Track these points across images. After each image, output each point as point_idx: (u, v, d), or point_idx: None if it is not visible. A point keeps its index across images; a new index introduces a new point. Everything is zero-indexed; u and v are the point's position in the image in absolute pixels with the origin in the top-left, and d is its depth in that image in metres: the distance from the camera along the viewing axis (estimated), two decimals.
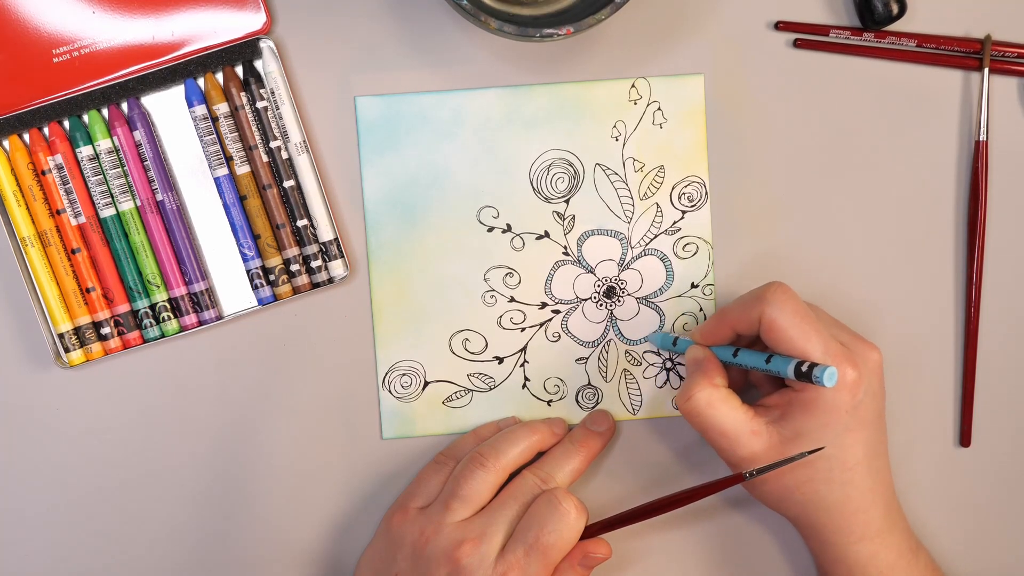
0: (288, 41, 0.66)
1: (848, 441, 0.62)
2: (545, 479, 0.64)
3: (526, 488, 0.63)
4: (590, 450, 0.66)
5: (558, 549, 0.62)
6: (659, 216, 0.68)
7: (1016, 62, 0.68)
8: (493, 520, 0.62)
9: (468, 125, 0.67)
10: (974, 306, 0.69)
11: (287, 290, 0.66)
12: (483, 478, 0.63)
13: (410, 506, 0.65)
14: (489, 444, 0.65)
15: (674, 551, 0.69)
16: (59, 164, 0.64)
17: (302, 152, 0.66)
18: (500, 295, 0.68)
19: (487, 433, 0.67)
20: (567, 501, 0.62)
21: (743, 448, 0.62)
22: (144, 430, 0.67)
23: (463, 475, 0.63)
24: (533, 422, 0.67)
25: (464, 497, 0.63)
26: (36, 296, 0.65)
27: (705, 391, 0.62)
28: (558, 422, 0.67)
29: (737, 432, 0.62)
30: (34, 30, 0.64)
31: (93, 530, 0.67)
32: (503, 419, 0.68)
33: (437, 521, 0.63)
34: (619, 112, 0.68)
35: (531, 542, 0.61)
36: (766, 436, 0.62)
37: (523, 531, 0.62)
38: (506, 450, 0.64)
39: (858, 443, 0.62)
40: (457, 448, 0.67)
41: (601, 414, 0.68)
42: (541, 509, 0.62)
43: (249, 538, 0.68)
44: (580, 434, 0.67)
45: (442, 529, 0.62)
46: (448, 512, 0.63)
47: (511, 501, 0.63)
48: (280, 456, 0.68)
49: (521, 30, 0.60)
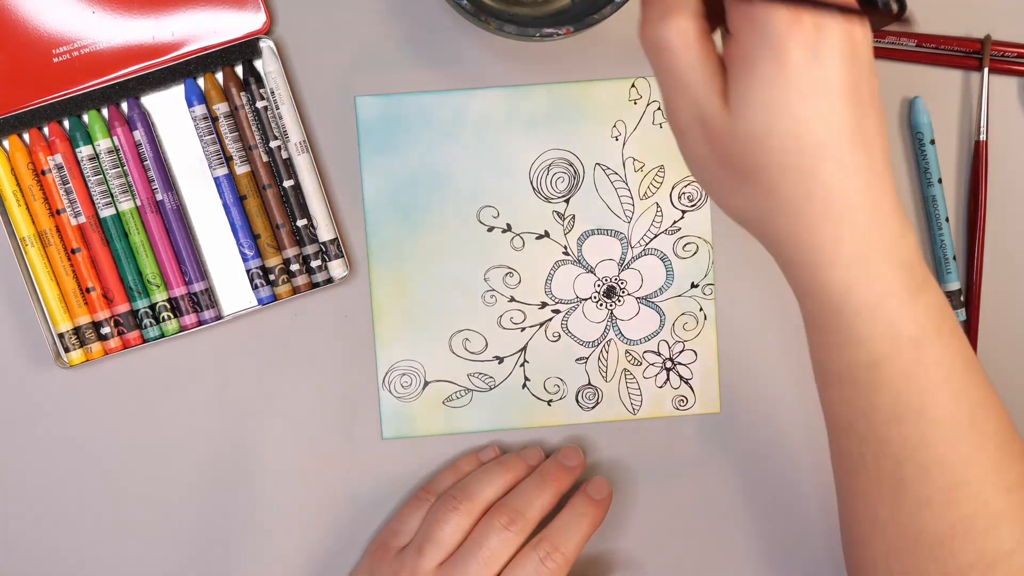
0: (288, 41, 0.66)
1: (807, 113, 0.46)
2: (513, 519, 0.63)
3: (492, 532, 0.63)
4: (560, 485, 0.65)
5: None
6: (659, 216, 0.68)
7: (1016, 62, 0.68)
8: (464, 569, 0.62)
9: (468, 125, 0.67)
10: (973, 306, 0.69)
11: (287, 290, 0.66)
12: (457, 522, 0.63)
13: (390, 544, 0.65)
14: (462, 487, 0.64)
15: (676, 551, 0.69)
16: (59, 164, 0.64)
17: (302, 152, 0.66)
18: (500, 295, 0.68)
19: (467, 468, 0.67)
20: (551, 559, 0.62)
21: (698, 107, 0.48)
22: (144, 430, 0.67)
23: (437, 519, 0.63)
24: (508, 458, 0.66)
25: (438, 541, 0.63)
26: (36, 296, 0.65)
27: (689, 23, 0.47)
28: (534, 453, 0.67)
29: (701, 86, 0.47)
30: (34, 30, 0.64)
31: (92, 530, 0.67)
32: (483, 449, 0.68)
33: (411, 566, 0.63)
34: (619, 112, 0.68)
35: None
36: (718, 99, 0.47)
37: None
38: (479, 493, 0.64)
39: (821, 116, 0.46)
40: (438, 484, 0.67)
41: (573, 450, 0.67)
42: (526, 564, 0.62)
43: (249, 538, 0.68)
44: (551, 468, 0.66)
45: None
46: (422, 557, 0.62)
47: (476, 548, 0.62)
48: (280, 456, 0.68)
49: (521, 30, 0.60)
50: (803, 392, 0.69)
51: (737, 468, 0.69)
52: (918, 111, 0.67)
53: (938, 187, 0.68)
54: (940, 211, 0.68)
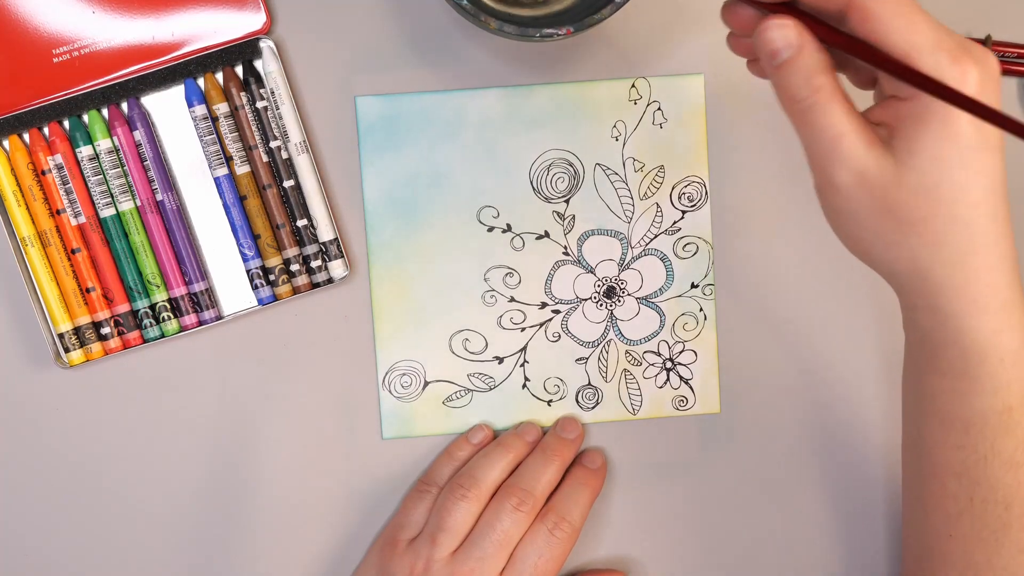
0: (288, 41, 0.66)
1: (974, 167, 0.48)
2: (523, 499, 0.64)
3: (504, 513, 0.63)
4: (563, 458, 0.66)
5: (554, 572, 0.64)
6: (659, 216, 0.68)
7: (1016, 62, 0.68)
8: (480, 553, 0.63)
9: (468, 125, 0.67)
10: None
11: (287, 290, 0.66)
12: (466, 508, 0.64)
13: (399, 538, 0.65)
14: (467, 473, 0.65)
15: (680, 552, 0.69)
16: (59, 164, 0.64)
17: (302, 152, 0.66)
18: (500, 295, 0.68)
19: (461, 454, 0.67)
20: (559, 529, 0.63)
21: (854, 159, 0.49)
22: (144, 430, 0.67)
23: (446, 507, 0.64)
24: (506, 438, 0.67)
25: (449, 530, 0.63)
26: (36, 296, 0.65)
27: (830, 80, 0.48)
28: (531, 429, 0.68)
29: (854, 139, 0.48)
30: (34, 30, 0.64)
31: (92, 530, 0.67)
32: (471, 430, 0.68)
33: (426, 556, 0.63)
34: (619, 112, 0.68)
35: (529, 571, 0.63)
36: (880, 151, 0.49)
37: (519, 561, 0.63)
38: (485, 477, 0.65)
39: (984, 171, 0.48)
40: (436, 473, 0.67)
41: (570, 421, 0.68)
42: (537, 539, 0.63)
43: (249, 537, 0.68)
44: (552, 443, 0.67)
45: (432, 565, 0.63)
46: (436, 547, 0.63)
47: (489, 531, 0.63)
48: (280, 456, 0.68)
49: (521, 30, 0.60)
50: (803, 392, 0.69)
51: (737, 468, 0.69)
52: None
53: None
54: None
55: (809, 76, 0.48)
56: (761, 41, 0.49)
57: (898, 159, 0.48)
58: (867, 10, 0.48)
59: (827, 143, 0.49)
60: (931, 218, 0.49)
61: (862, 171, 0.49)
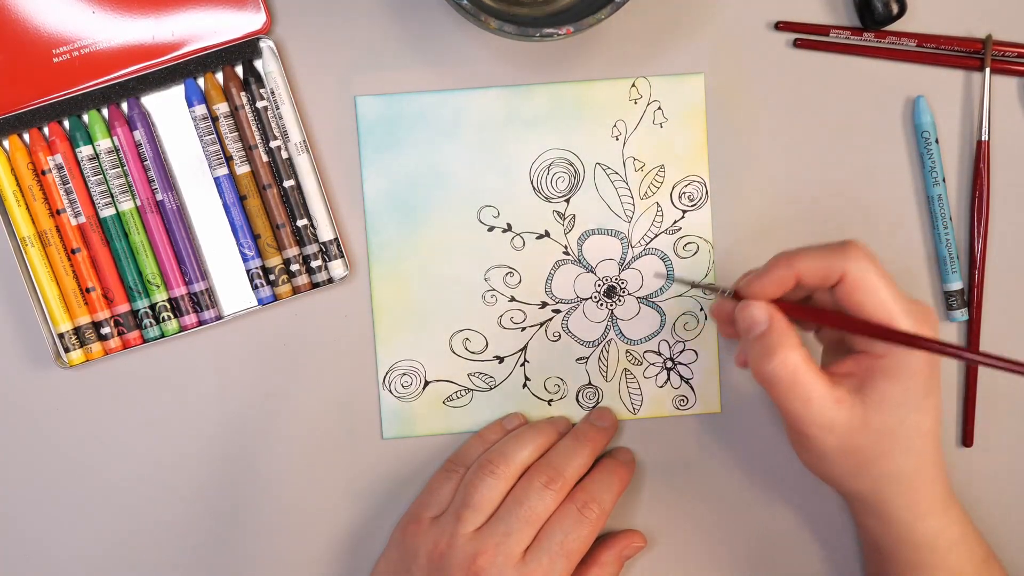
0: (288, 41, 0.66)
1: (926, 406, 0.58)
2: (553, 477, 0.63)
3: (532, 491, 0.63)
4: (595, 445, 0.66)
5: (580, 552, 0.63)
6: (659, 216, 0.68)
7: (1017, 62, 0.68)
8: (506, 528, 0.62)
9: (468, 125, 0.67)
10: (976, 306, 0.68)
11: (287, 290, 0.66)
12: (494, 485, 0.63)
13: (423, 516, 0.65)
14: (497, 450, 0.65)
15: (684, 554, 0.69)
16: (59, 164, 0.65)
17: (302, 152, 0.66)
18: (500, 295, 0.68)
19: (493, 437, 0.67)
20: (589, 510, 0.63)
21: (824, 417, 0.57)
22: (144, 430, 0.67)
23: (473, 484, 0.63)
24: (538, 423, 0.67)
25: (475, 506, 0.63)
26: (36, 296, 0.65)
27: (793, 354, 0.57)
28: (561, 420, 0.68)
29: (822, 400, 0.57)
30: (34, 30, 0.64)
31: (93, 531, 0.67)
32: (507, 417, 0.68)
33: (451, 532, 0.63)
34: (619, 111, 0.68)
35: (555, 550, 0.62)
36: (848, 404, 0.57)
37: (546, 538, 0.62)
38: (514, 455, 0.64)
39: (932, 409, 0.59)
40: (464, 454, 0.67)
41: (605, 411, 0.68)
42: (565, 518, 0.63)
43: (249, 538, 0.68)
44: (585, 429, 0.67)
45: (456, 541, 0.62)
46: (461, 523, 0.63)
47: (516, 507, 0.63)
48: (280, 456, 0.68)
49: (521, 30, 0.60)
50: None
51: (737, 468, 0.69)
52: (921, 110, 0.67)
53: (943, 186, 0.68)
54: (945, 210, 0.68)
55: (777, 349, 0.57)
56: (739, 319, 0.59)
57: (867, 406, 0.57)
58: (862, 282, 0.57)
59: (798, 406, 0.57)
60: (890, 452, 0.58)
61: (831, 425, 0.57)
